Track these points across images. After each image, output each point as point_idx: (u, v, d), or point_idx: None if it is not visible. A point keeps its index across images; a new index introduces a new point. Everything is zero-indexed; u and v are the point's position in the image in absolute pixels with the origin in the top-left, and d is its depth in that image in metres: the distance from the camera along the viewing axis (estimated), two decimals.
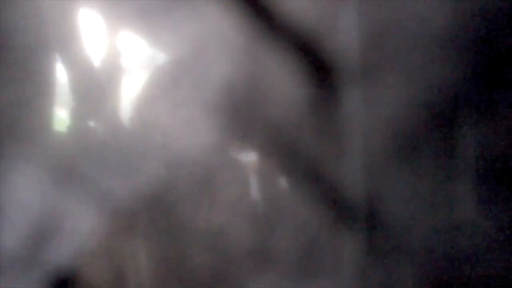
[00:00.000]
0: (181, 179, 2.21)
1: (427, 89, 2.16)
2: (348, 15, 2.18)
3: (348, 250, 2.20)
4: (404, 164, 2.18)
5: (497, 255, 2.12)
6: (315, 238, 2.21)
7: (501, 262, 2.13)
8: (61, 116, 2.31)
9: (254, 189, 2.31)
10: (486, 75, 2.16)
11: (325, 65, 2.20)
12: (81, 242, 2.12)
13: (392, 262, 2.18)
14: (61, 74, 2.30)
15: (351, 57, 2.19)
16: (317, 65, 2.20)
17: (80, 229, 2.12)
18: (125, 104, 2.31)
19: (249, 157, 2.30)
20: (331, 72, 2.20)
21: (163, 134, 2.18)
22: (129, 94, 2.31)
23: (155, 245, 2.24)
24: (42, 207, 2.10)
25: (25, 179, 2.10)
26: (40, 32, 2.21)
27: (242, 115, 2.21)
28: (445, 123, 2.20)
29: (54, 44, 2.27)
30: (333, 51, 2.19)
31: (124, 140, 2.22)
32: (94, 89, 2.30)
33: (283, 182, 2.29)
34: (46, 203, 2.10)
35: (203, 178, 2.25)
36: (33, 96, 2.23)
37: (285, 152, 2.24)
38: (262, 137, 2.24)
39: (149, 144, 2.19)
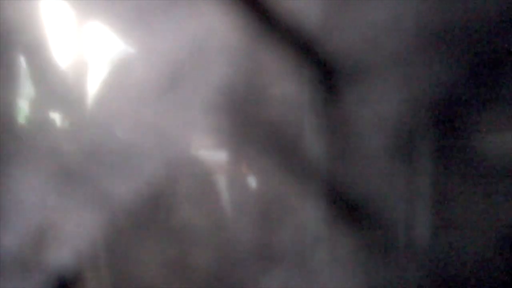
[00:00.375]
0: (181, 180, 2.21)
1: (427, 89, 2.16)
2: (348, 15, 2.18)
3: (348, 249, 2.20)
4: (404, 164, 2.18)
5: (497, 255, 2.13)
6: (316, 238, 2.21)
7: (501, 262, 2.13)
8: (22, 107, 2.29)
9: (253, 189, 2.31)
10: (486, 75, 2.17)
11: (325, 65, 2.20)
12: (81, 243, 2.12)
13: (392, 262, 2.18)
14: (24, 64, 2.27)
15: (351, 57, 2.19)
16: (317, 65, 2.20)
17: (81, 231, 2.12)
18: (90, 98, 2.29)
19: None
20: (331, 72, 2.20)
21: (161, 134, 2.17)
22: (93, 89, 2.29)
23: (155, 245, 2.24)
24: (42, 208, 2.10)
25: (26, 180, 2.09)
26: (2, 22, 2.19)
27: (241, 115, 2.21)
28: (445, 123, 2.20)
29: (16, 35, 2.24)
30: (333, 51, 2.19)
31: (123, 141, 2.22)
32: (58, 82, 2.27)
33: (282, 182, 2.29)
34: (46, 204, 2.10)
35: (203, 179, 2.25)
36: None
37: (284, 152, 2.24)
38: (261, 138, 2.24)
39: (148, 144, 2.19)
